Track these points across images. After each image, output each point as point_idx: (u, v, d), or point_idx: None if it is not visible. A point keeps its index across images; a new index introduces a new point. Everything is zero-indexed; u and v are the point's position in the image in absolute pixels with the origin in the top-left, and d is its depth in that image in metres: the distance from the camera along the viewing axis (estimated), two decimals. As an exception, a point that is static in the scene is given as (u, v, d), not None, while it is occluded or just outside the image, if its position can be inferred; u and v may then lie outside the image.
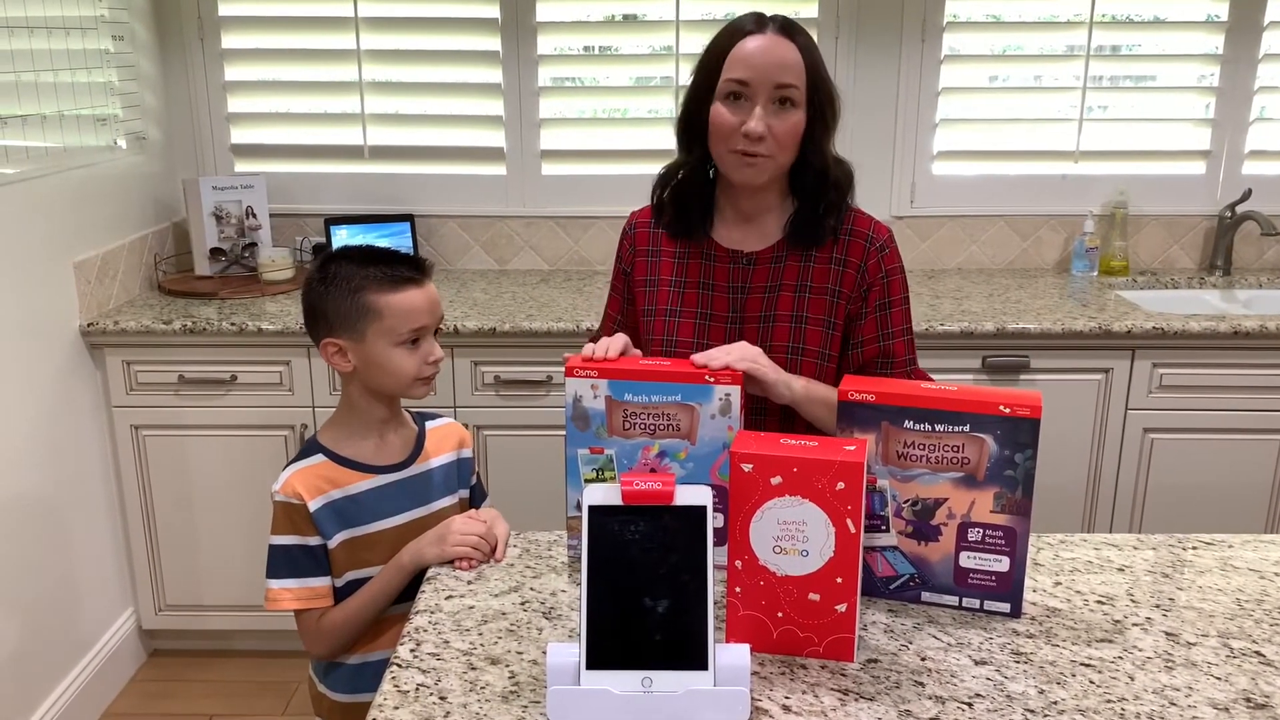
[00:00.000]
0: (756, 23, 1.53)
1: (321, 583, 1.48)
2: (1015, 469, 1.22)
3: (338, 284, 1.47)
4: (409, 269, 1.49)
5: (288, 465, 1.51)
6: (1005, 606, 1.27)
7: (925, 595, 1.29)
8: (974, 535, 1.26)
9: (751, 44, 1.51)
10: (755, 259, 1.61)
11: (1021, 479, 1.23)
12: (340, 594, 1.50)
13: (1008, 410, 1.21)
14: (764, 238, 1.62)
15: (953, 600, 1.29)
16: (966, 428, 1.23)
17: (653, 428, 1.32)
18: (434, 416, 1.65)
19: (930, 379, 1.66)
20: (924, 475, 1.25)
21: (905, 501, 1.27)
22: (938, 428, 1.23)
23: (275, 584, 1.48)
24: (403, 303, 1.46)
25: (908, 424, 1.24)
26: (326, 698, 1.59)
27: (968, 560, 1.27)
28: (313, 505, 1.47)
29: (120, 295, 2.73)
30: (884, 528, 1.28)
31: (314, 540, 1.47)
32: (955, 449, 1.24)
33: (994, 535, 1.25)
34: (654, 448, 1.33)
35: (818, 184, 1.57)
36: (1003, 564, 1.26)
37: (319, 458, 1.51)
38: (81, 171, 2.58)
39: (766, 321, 1.60)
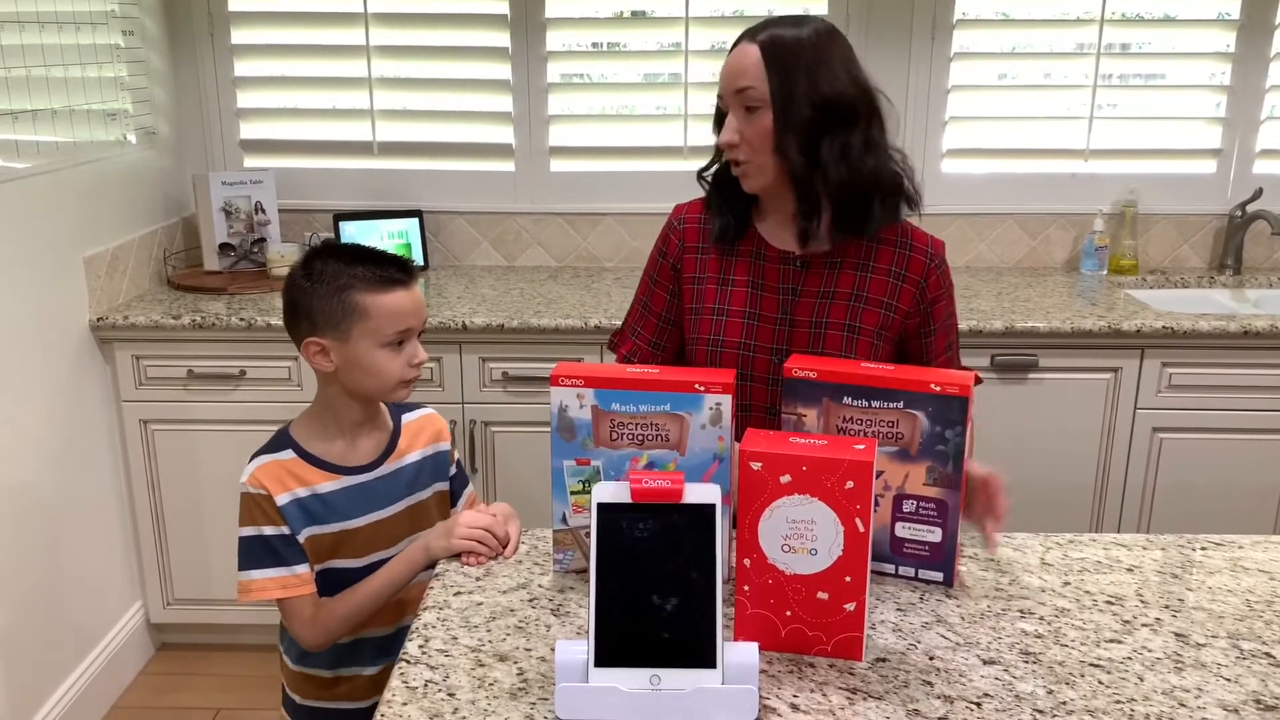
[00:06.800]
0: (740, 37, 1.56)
1: (304, 569, 1.48)
2: (946, 444, 1.28)
3: (324, 282, 1.45)
4: (397, 270, 1.47)
5: (255, 456, 1.50)
6: (939, 575, 1.33)
7: None
8: (908, 507, 1.32)
9: (727, 59, 1.55)
10: (809, 262, 1.60)
11: (952, 454, 1.28)
12: (318, 582, 1.49)
13: (938, 389, 1.27)
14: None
15: (889, 568, 1.35)
16: (900, 404, 1.29)
17: (641, 438, 1.28)
18: (412, 408, 1.62)
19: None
20: None
21: None
22: (874, 404, 1.30)
23: (257, 574, 1.47)
24: (390, 304, 1.44)
25: (847, 400, 1.31)
26: (287, 665, 1.60)
27: (903, 530, 1.33)
28: (279, 500, 1.47)
29: (130, 290, 2.74)
30: None
31: (285, 529, 1.47)
32: (890, 424, 1.30)
33: (927, 507, 1.31)
34: (642, 459, 1.29)
35: (806, 179, 1.53)
36: (935, 535, 1.32)
37: (288, 453, 1.50)
38: (92, 167, 2.58)
39: (819, 328, 1.59)
